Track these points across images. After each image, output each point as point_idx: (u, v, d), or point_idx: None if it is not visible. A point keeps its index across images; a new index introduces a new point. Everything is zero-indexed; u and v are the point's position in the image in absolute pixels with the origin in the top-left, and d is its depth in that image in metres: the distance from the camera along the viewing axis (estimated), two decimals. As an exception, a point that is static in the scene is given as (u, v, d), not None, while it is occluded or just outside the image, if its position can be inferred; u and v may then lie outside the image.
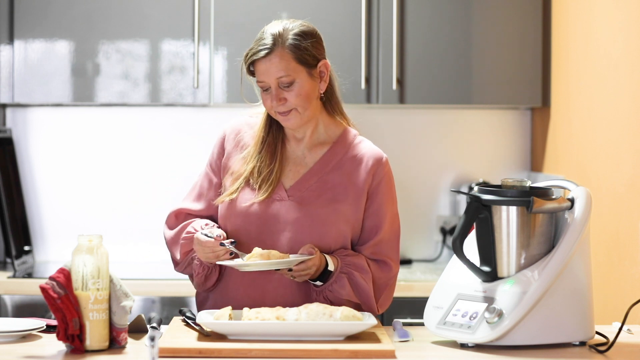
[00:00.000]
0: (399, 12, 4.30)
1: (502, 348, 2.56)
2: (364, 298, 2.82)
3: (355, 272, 2.79)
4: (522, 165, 4.67)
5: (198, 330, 2.62)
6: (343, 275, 2.78)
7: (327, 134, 2.89)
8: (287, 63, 2.77)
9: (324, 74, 2.83)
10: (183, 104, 4.39)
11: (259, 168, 2.84)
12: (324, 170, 2.85)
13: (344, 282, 2.78)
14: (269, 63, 2.77)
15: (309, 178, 2.84)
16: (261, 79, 2.78)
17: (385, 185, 2.86)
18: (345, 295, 2.78)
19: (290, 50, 2.77)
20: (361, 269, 2.80)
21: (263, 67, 2.78)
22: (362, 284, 2.80)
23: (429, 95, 4.34)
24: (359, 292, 2.81)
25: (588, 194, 2.65)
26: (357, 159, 2.86)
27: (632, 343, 2.67)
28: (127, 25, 4.29)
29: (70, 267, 2.50)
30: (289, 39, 2.78)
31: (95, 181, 4.59)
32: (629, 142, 3.41)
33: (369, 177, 2.84)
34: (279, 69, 2.76)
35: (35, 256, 4.57)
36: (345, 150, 2.87)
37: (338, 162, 2.86)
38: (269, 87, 2.78)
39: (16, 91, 4.28)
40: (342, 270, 2.78)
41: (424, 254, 4.64)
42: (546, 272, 2.56)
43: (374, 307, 2.84)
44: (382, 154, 2.89)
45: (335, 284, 2.78)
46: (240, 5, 4.27)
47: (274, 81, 2.77)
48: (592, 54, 3.81)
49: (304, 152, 2.87)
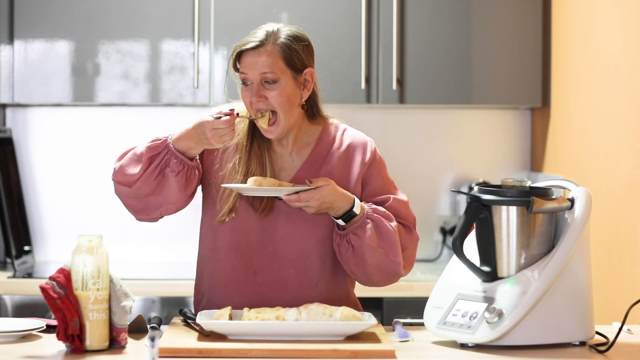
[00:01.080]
0: (399, 12, 4.30)
1: (502, 348, 2.56)
2: (390, 245, 2.76)
3: (382, 219, 2.76)
4: (522, 165, 4.67)
5: (198, 330, 2.62)
6: (368, 221, 2.75)
7: (310, 134, 2.88)
8: (274, 60, 2.75)
9: (309, 83, 2.81)
10: (183, 104, 4.39)
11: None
12: (313, 168, 2.84)
13: (369, 227, 2.73)
14: (257, 56, 2.75)
15: (300, 178, 2.83)
16: (245, 71, 2.76)
17: (377, 167, 2.86)
18: (367, 241, 2.73)
19: (281, 49, 2.75)
20: (388, 217, 2.78)
21: (250, 60, 2.76)
22: (390, 230, 2.76)
23: (429, 95, 4.34)
24: (385, 239, 2.76)
25: (588, 194, 2.65)
26: (343, 150, 2.87)
27: (632, 343, 2.67)
28: (127, 25, 4.29)
29: (70, 267, 2.50)
30: (281, 38, 2.77)
31: (95, 181, 4.59)
32: (629, 142, 3.41)
33: (360, 165, 2.85)
34: (265, 64, 2.74)
35: (35, 256, 4.57)
36: (330, 144, 2.87)
37: (326, 157, 2.86)
38: (251, 82, 2.76)
39: (16, 91, 4.28)
40: (368, 216, 2.75)
41: (424, 254, 4.64)
42: (546, 272, 2.56)
43: (399, 257, 2.79)
44: (366, 138, 2.90)
45: (360, 228, 2.74)
46: (240, 5, 4.27)
47: (257, 76, 2.75)
48: (592, 54, 3.81)
49: (291, 153, 2.86)
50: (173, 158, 2.72)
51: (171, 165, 2.73)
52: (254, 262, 2.81)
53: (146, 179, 2.75)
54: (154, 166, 2.73)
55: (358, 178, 2.85)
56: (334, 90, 4.27)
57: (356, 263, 2.77)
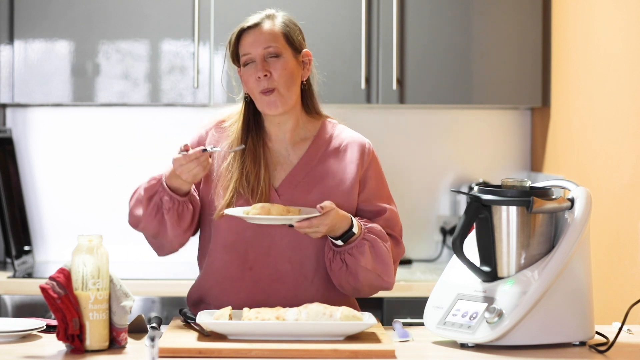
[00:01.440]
0: (399, 12, 4.30)
1: (502, 348, 2.56)
2: (383, 266, 2.78)
3: (378, 240, 2.78)
4: (522, 165, 4.67)
5: (198, 330, 2.62)
6: (365, 242, 2.76)
7: (307, 130, 2.90)
8: (276, 36, 2.80)
9: (307, 64, 2.87)
10: (183, 104, 4.39)
11: (246, 177, 2.83)
12: (310, 165, 2.85)
13: (365, 249, 2.75)
14: (258, 33, 2.80)
15: (296, 174, 2.84)
16: (248, 49, 2.80)
17: (374, 169, 2.88)
18: (363, 262, 2.75)
19: (281, 27, 2.82)
20: (383, 237, 2.80)
21: (251, 38, 2.80)
22: (384, 251, 2.78)
23: (429, 95, 4.34)
24: (379, 261, 2.77)
25: (588, 194, 2.65)
26: (341, 149, 2.88)
27: (632, 343, 2.67)
28: (127, 25, 4.29)
29: (70, 267, 2.50)
30: (279, 18, 2.84)
31: (95, 181, 4.59)
32: (629, 142, 3.41)
33: (357, 165, 2.86)
34: (267, 39, 2.79)
35: (35, 256, 4.57)
36: (328, 142, 2.89)
37: (323, 155, 2.87)
38: (254, 61, 2.79)
39: (16, 91, 4.28)
40: (365, 237, 2.77)
41: (424, 254, 4.64)
42: (546, 272, 2.56)
43: (392, 277, 2.81)
44: (364, 139, 2.91)
45: (356, 249, 2.75)
46: (240, 5, 4.27)
47: (261, 52, 2.79)
48: (592, 54, 3.81)
49: (287, 149, 2.88)
50: (165, 196, 2.76)
51: (164, 203, 2.77)
52: (250, 257, 2.82)
53: (148, 219, 2.80)
54: (152, 205, 2.78)
55: (356, 179, 2.85)
56: (334, 90, 4.30)
57: (347, 280, 2.79)
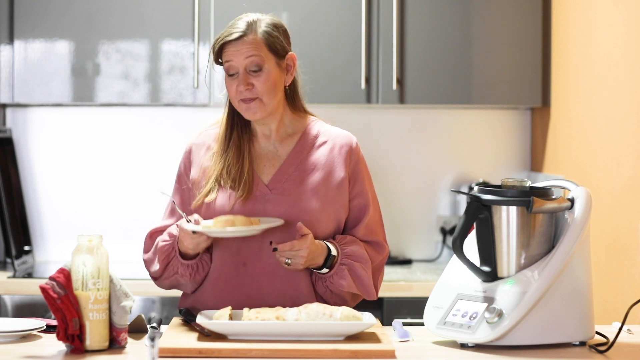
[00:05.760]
0: (399, 12, 4.30)
1: (502, 348, 2.56)
2: (364, 288, 2.83)
3: (356, 263, 2.81)
4: (522, 165, 4.67)
5: (198, 330, 2.62)
6: (343, 267, 2.80)
7: (294, 126, 2.92)
8: (258, 48, 2.81)
9: (291, 67, 2.87)
10: (183, 104, 4.39)
11: (227, 168, 2.84)
12: (299, 158, 2.88)
13: (345, 274, 2.80)
14: (241, 44, 2.80)
15: (286, 168, 2.86)
16: (230, 58, 2.81)
17: (362, 165, 2.91)
18: (346, 287, 2.80)
19: (263, 37, 2.82)
20: (361, 258, 2.82)
21: (233, 49, 2.81)
22: (363, 274, 2.82)
23: (429, 95, 4.34)
24: (359, 283, 2.82)
25: (588, 194, 2.65)
26: (329, 145, 2.90)
27: (632, 343, 2.67)
28: (127, 25, 4.29)
29: (70, 267, 2.50)
30: (262, 26, 2.83)
31: (95, 181, 4.59)
32: (629, 142, 3.41)
33: (346, 161, 2.88)
34: (250, 52, 2.79)
35: (35, 256, 4.57)
36: (316, 137, 2.91)
37: (311, 148, 2.89)
38: (237, 72, 2.81)
39: (16, 91, 4.28)
40: (342, 262, 2.80)
41: (424, 254, 4.64)
42: (546, 272, 2.56)
43: (374, 295, 2.87)
44: (351, 136, 2.94)
45: (336, 275, 2.79)
46: (240, 6, 4.26)
47: (243, 62, 2.80)
48: (592, 54, 3.81)
49: (275, 145, 2.90)
50: (180, 266, 2.83)
51: (179, 272, 2.84)
52: (242, 253, 2.83)
53: (166, 281, 2.89)
54: (168, 272, 2.86)
55: (346, 173, 2.88)
56: (334, 90, 4.30)
57: (332, 298, 2.86)
